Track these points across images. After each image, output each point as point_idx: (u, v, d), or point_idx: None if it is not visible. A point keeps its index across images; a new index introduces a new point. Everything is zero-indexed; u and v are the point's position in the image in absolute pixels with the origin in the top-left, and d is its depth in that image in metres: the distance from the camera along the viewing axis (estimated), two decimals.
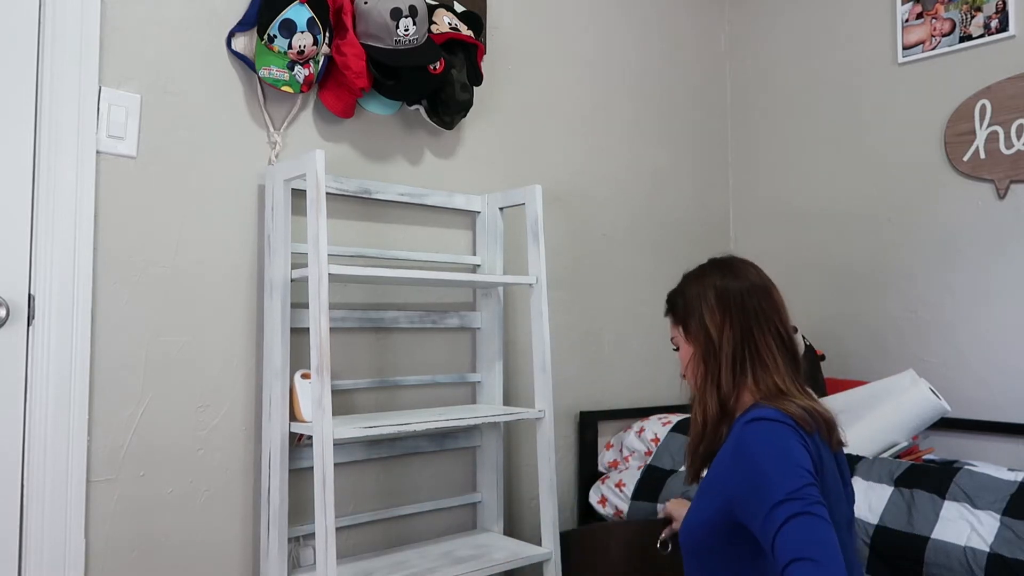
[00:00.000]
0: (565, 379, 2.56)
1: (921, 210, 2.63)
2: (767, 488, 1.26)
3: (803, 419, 1.37)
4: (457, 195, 2.28)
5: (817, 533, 1.18)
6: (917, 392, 2.19)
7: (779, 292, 1.59)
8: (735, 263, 1.61)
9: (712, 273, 1.59)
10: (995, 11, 2.48)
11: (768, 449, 1.32)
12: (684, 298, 1.60)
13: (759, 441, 1.34)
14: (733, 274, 1.58)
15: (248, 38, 1.92)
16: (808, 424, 1.37)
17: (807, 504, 1.21)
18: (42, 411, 1.62)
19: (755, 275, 1.59)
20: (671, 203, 2.96)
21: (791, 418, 1.36)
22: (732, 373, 1.50)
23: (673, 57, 3.00)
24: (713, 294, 1.56)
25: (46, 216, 1.64)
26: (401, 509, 2.14)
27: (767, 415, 1.37)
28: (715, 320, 1.53)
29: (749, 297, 1.56)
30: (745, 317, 1.53)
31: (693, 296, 1.58)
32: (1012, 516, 1.70)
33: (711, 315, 1.54)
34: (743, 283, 1.56)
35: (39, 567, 1.60)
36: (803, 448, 1.33)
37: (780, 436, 1.34)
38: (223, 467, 1.86)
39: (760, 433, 1.35)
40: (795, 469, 1.27)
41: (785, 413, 1.37)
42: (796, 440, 1.33)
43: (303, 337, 1.95)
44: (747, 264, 1.61)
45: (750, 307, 1.54)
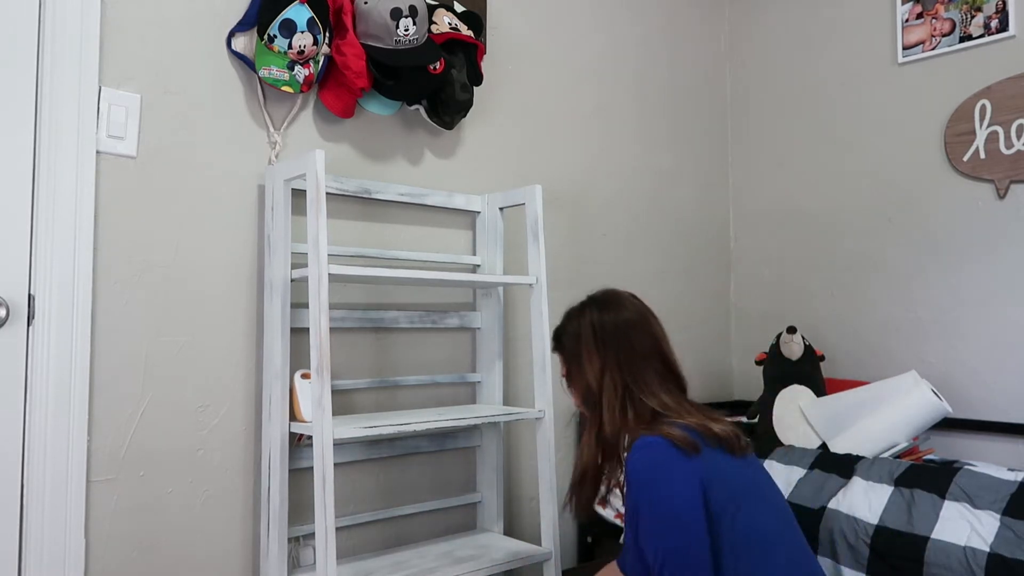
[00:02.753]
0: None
1: (921, 210, 2.63)
2: (644, 539, 1.40)
3: (684, 440, 1.42)
4: (457, 195, 2.28)
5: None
6: (919, 393, 2.18)
7: (657, 320, 1.65)
8: (611, 297, 1.66)
9: (590, 309, 1.64)
10: (995, 11, 2.48)
11: (645, 495, 1.41)
12: (564, 337, 1.66)
13: (639, 483, 1.42)
14: (609, 308, 1.62)
15: (248, 38, 1.92)
16: (689, 444, 1.42)
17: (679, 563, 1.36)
18: (42, 411, 1.62)
19: (631, 307, 1.63)
20: (671, 203, 2.96)
21: (672, 442, 1.42)
22: (614, 415, 1.54)
23: (673, 57, 3.00)
24: (591, 333, 1.60)
25: (46, 216, 1.64)
26: (401, 509, 2.14)
27: (647, 442, 1.43)
28: (594, 366, 1.58)
29: (626, 332, 1.59)
30: (623, 355, 1.57)
31: (572, 336, 1.63)
32: (1012, 516, 1.70)
33: (589, 359, 1.59)
34: (619, 316, 1.61)
35: (39, 567, 1.60)
36: (682, 474, 1.39)
37: (659, 470, 1.41)
38: (223, 467, 1.86)
39: (640, 470, 1.42)
40: (667, 522, 1.38)
41: (666, 438, 1.43)
42: (676, 466, 1.40)
43: (303, 337, 1.95)
44: (624, 297, 1.66)
45: (627, 343, 1.58)
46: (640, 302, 1.67)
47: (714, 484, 1.41)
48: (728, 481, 1.43)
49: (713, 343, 3.08)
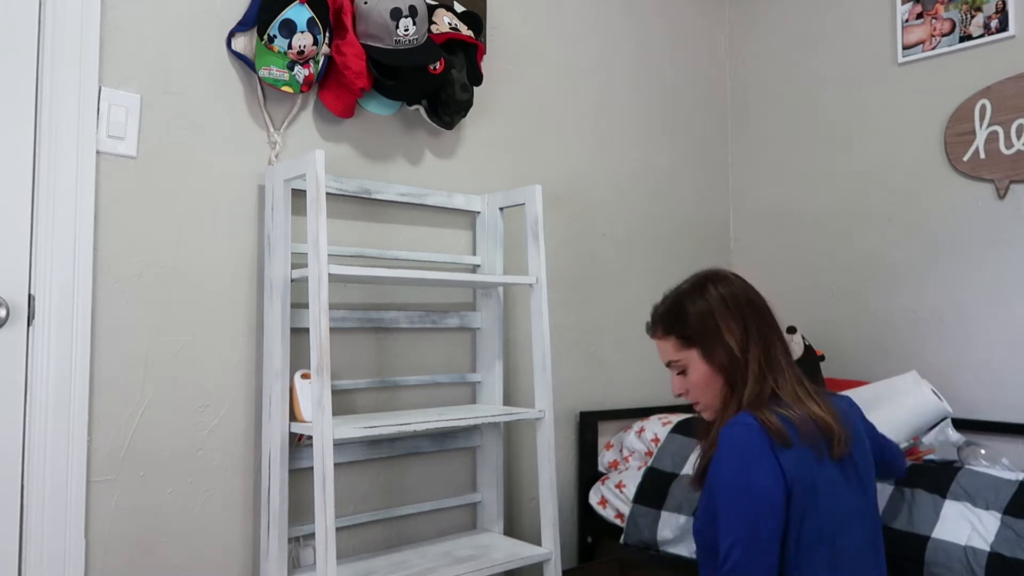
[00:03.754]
0: (565, 379, 2.56)
1: (921, 210, 2.63)
2: (722, 522, 1.40)
3: (779, 432, 1.40)
4: (457, 195, 2.28)
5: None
6: (919, 394, 2.18)
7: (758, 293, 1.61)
8: (723, 273, 1.61)
9: (712, 285, 1.57)
10: (995, 11, 2.48)
11: (728, 476, 1.40)
12: (689, 316, 1.56)
13: (727, 461, 1.41)
14: (728, 283, 1.57)
15: (248, 38, 1.92)
16: (782, 437, 1.40)
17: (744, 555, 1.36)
18: (42, 411, 1.62)
19: (741, 280, 1.59)
20: (671, 203, 2.96)
21: (768, 430, 1.40)
22: (756, 385, 1.49)
23: (673, 57, 3.00)
24: (723, 306, 1.53)
25: (46, 216, 1.64)
26: (401, 509, 2.14)
27: (746, 422, 1.42)
28: (736, 336, 1.51)
29: (751, 298, 1.56)
30: (760, 326, 1.52)
31: (699, 313, 1.55)
32: (1013, 515, 1.70)
33: (729, 331, 1.51)
34: (740, 290, 1.56)
35: (39, 567, 1.60)
36: (768, 464, 1.38)
37: (748, 455, 1.39)
38: (223, 467, 1.86)
39: (732, 448, 1.41)
40: (744, 510, 1.37)
41: (763, 425, 1.41)
42: (765, 456, 1.39)
43: (303, 337, 1.95)
44: (730, 272, 1.62)
45: (757, 310, 1.54)
46: (746, 280, 1.62)
47: (797, 482, 1.39)
48: (810, 483, 1.40)
49: None
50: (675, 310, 1.59)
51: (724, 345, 1.51)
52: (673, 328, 1.59)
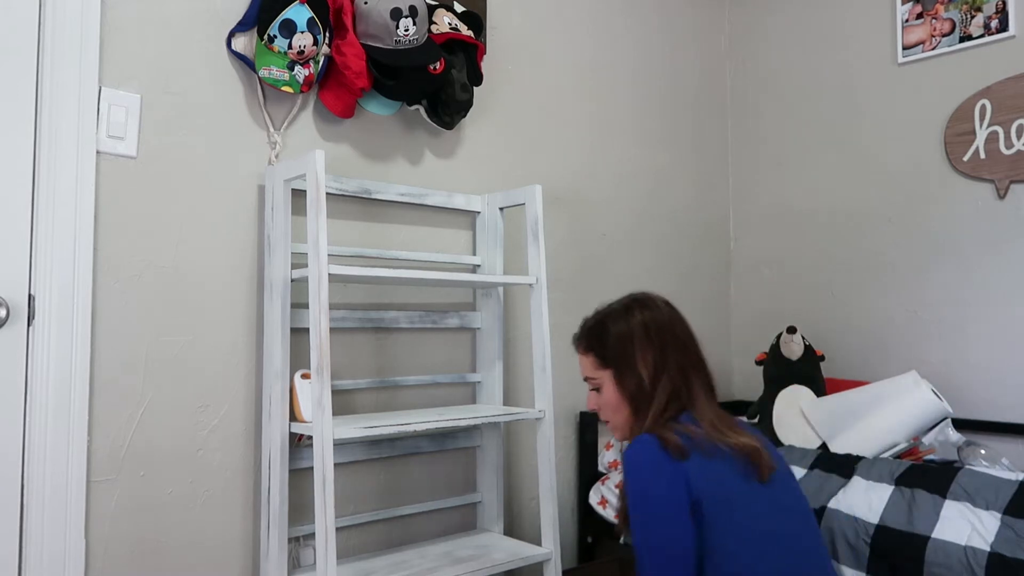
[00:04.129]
0: (565, 379, 2.56)
1: (921, 210, 2.63)
2: (634, 534, 1.43)
3: (674, 444, 1.43)
4: (457, 195, 2.28)
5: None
6: (919, 394, 2.18)
7: (685, 321, 1.64)
8: (652, 299, 1.63)
9: (638, 309, 1.59)
10: (995, 11, 2.48)
11: (635, 490, 1.43)
12: (610, 338, 1.58)
13: (630, 478, 1.44)
14: (655, 310, 1.59)
15: (248, 38, 1.92)
16: (677, 449, 1.43)
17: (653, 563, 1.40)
18: (42, 411, 1.62)
19: (669, 308, 1.61)
20: (671, 203, 2.96)
21: (663, 443, 1.43)
22: (657, 416, 1.52)
23: (673, 57, 3.00)
24: (643, 333, 1.56)
25: (46, 216, 1.64)
26: (401, 509, 2.14)
27: (642, 439, 1.45)
28: (648, 366, 1.54)
29: (674, 329, 1.58)
30: (679, 358, 1.55)
31: (620, 336, 1.57)
32: (1013, 515, 1.70)
33: (644, 359, 1.54)
34: (664, 315, 1.59)
35: (39, 567, 1.60)
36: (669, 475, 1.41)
37: (648, 468, 1.43)
38: (223, 467, 1.86)
39: (632, 465, 1.44)
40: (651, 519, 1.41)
41: (659, 439, 1.44)
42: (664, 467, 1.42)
43: (303, 337, 1.95)
44: (660, 299, 1.63)
45: (678, 341, 1.57)
46: (671, 304, 1.65)
47: (705, 493, 1.41)
48: (724, 497, 1.43)
49: (713, 343, 3.08)
50: (598, 329, 1.62)
51: (635, 374, 1.55)
52: (593, 346, 1.62)
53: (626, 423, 1.58)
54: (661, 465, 1.42)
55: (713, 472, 1.43)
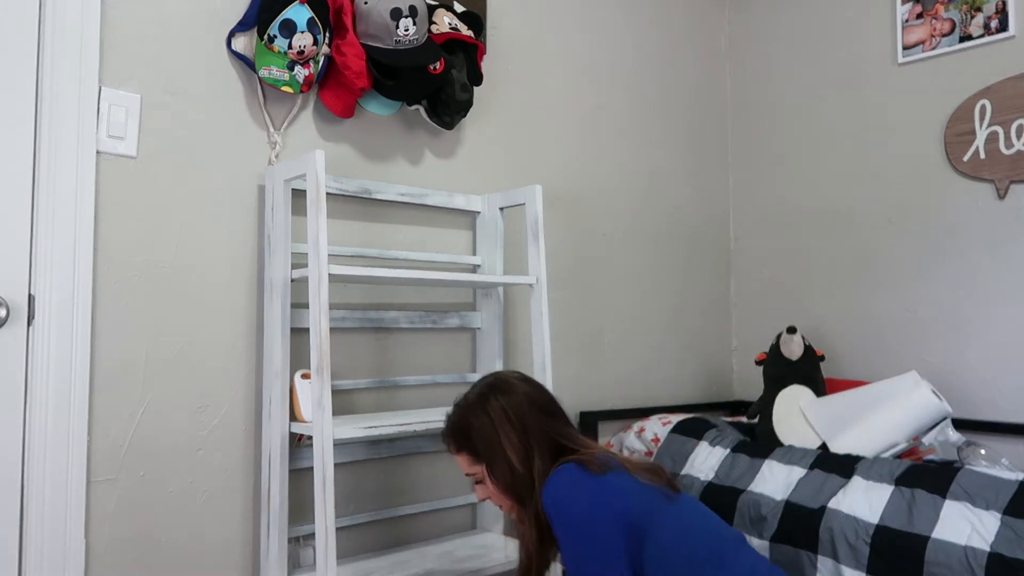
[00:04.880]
0: (565, 379, 2.56)
1: (921, 210, 2.63)
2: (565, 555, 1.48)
3: (593, 461, 1.51)
4: (457, 195, 2.28)
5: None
6: (919, 394, 2.18)
7: (542, 385, 1.70)
8: (504, 380, 1.67)
9: (491, 399, 1.62)
10: (995, 11, 2.48)
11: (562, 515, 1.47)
12: (474, 432, 1.62)
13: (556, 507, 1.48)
14: (510, 392, 1.63)
15: (248, 38, 1.92)
16: (597, 464, 1.50)
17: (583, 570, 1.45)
18: (42, 411, 1.62)
19: (523, 383, 1.66)
20: (671, 203, 2.96)
21: (581, 464, 1.50)
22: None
23: (673, 57, 3.00)
24: (504, 421, 1.59)
25: (46, 216, 1.64)
26: (401, 509, 2.14)
27: (557, 471, 1.50)
28: (517, 451, 1.57)
29: (533, 402, 1.62)
30: (543, 427, 1.59)
31: (484, 429, 1.61)
32: (1013, 515, 1.70)
33: (512, 446, 1.58)
34: (521, 397, 1.62)
35: (39, 567, 1.60)
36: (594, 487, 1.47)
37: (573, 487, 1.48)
38: (223, 467, 1.86)
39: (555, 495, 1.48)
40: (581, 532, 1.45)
41: (574, 463, 1.51)
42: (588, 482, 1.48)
43: (303, 337, 1.95)
44: (512, 376, 1.68)
45: (539, 412, 1.61)
46: (523, 375, 1.71)
47: (632, 503, 1.47)
48: (647, 510, 1.49)
49: (713, 343, 3.08)
50: (462, 426, 1.65)
51: (506, 461, 1.58)
52: (463, 445, 1.65)
53: (513, 508, 1.62)
54: (582, 480, 1.48)
55: (636, 487, 1.50)
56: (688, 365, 2.98)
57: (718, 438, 2.33)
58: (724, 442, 2.30)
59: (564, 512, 1.46)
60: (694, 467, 2.27)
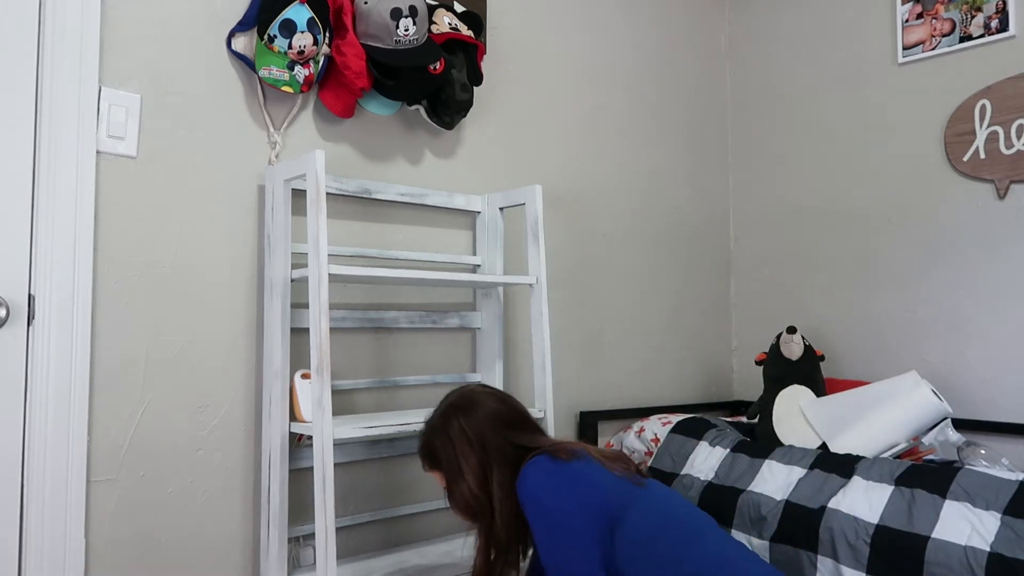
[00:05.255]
0: (565, 379, 2.56)
1: (921, 210, 2.63)
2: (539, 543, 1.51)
3: (562, 449, 1.55)
4: (457, 195, 2.28)
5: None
6: (919, 394, 2.18)
7: (509, 397, 1.72)
8: (467, 397, 1.69)
9: (452, 419, 1.66)
10: (995, 11, 2.48)
11: (532, 499, 1.51)
12: (439, 454, 1.66)
13: (531, 498, 1.52)
14: (471, 411, 1.65)
15: (248, 38, 1.92)
16: (566, 452, 1.55)
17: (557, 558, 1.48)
18: (42, 411, 1.62)
19: (490, 401, 1.68)
20: (671, 203, 2.96)
21: (552, 455, 1.54)
22: (505, 517, 1.59)
23: (673, 57, 3.00)
24: (464, 443, 1.62)
25: (46, 216, 1.64)
26: (401, 509, 2.14)
27: (530, 463, 1.54)
28: (475, 474, 1.61)
29: (494, 421, 1.64)
30: (501, 443, 1.62)
31: (446, 451, 1.65)
32: (1013, 515, 1.70)
33: (471, 469, 1.61)
34: (482, 415, 1.64)
35: (39, 567, 1.60)
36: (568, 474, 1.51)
37: (550, 476, 1.51)
38: (223, 467, 1.86)
39: (530, 484, 1.52)
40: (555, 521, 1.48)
41: (545, 454, 1.55)
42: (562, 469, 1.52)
43: (303, 337, 1.95)
44: (477, 393, 1.70)
45: (502, 429, 1.63)
46: (490, 388, 1.74)
47: (602, 488, 1.51)
48: (616, 489, 1.52)
49: (713, 343, 3.08)
50: (429, 446, 1.70)
51: (465, 484, 1.62)
52: (433, 463, 1.70)
53: (472, 524, 1.66)
54: (555, 469, 1.51)
55: (601, 470, 1.54)
56: (688, 365, 2.98)
57: (718, 438, 2.33)
58: (724, 442, 2.30)
59: (538, 503, 1.50)
60: (694, 467, 2.27)
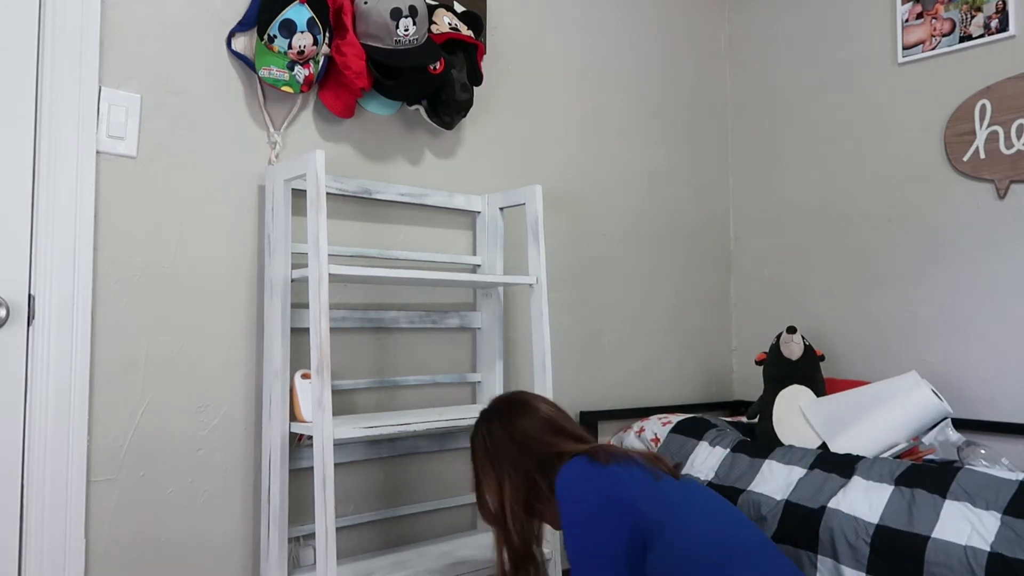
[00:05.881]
0: (565, 379, 2.56)
1: (921, 210, 2.63)
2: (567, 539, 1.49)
3: (600, 452, 1.54)
4: (457, 195, 2.28)
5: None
6: (919, 394, 2.18)
7: (545, 401, 1.72)
8: (495, 405, 1.72)
9: (480, 427, 1.70)
10: (995, 11, 2.48)
11: (568, 504, 1.50)
12: (472, 456, 1.71)
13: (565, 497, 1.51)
14: (495, 421, 1.68)
15: (248, 38, 1.92)
16: (605, 455, 1.53)
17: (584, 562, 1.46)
18: (42, 411, 1.62)
19: (508, 403, 1.70)
20: (671, 203, 2.96)
21: (590, 456, 1.53)
22: (521, 525, 1.61)
23: (673, 57, 3.00)
24: (484, 455, 1.66)
25: (46, 216, 1.64)
26: (401, 509, 2.14)
27: (568, 465, 1.53)
28: (495, 491, 1.63)
29: (512, 435, 1.65)
30: (521, 457, 1.62)
31: (474, 459, 1.69)
32: (1013, 515, 1.70)
33: (489, 487, 1.64)
34: (504, 425, 1.66)
35: (39, 567, 1.60)
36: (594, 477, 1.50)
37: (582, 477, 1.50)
38: (223, 467, 1.86)
39: (566, 483, 1.51)
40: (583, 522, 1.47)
41: (584, 455, 1.54)
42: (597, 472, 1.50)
43: (303, 337, 1.95)
44: (500, 399, 1.73)
45: (521, 441, 1.64)
46: (526, 395, 1.74)
47: (638, 492, 1.48)
48: (655, 494, 1.49)
49: (713, 343, 3.08)
50: (470, 450, 1.74)
51: (488, 498, 1.65)
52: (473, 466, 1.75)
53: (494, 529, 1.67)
54: (596, 472, 1.50)
55: (639, 471, 1.52)
56: (688, 365, 2.98)
57: (718, 438, 2.33)
58: (724, 442, 2.30)
59: (572, 504, 1.49)
60: (694, 467, 2.27)
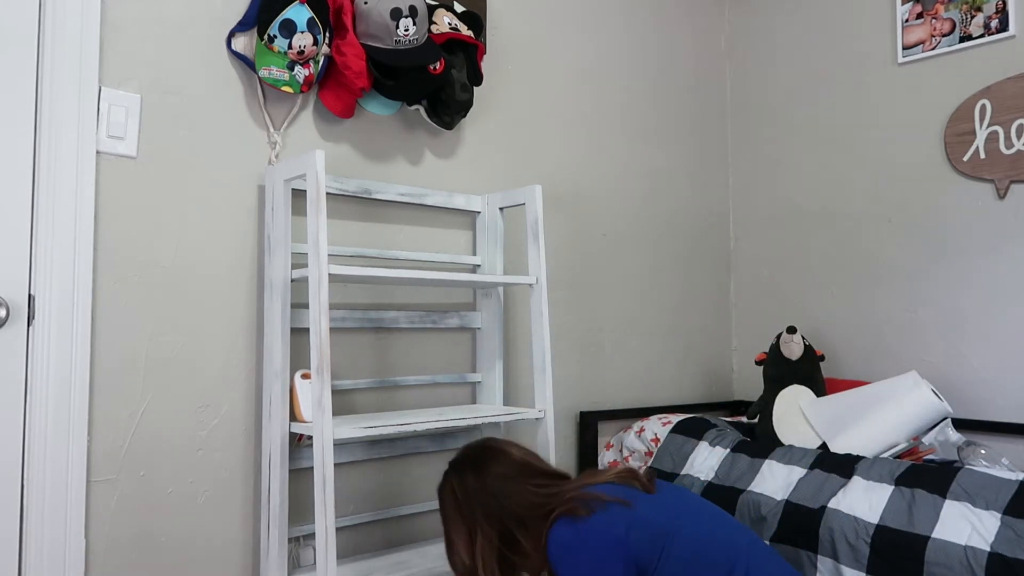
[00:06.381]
0: (565, 379, 2.56)
1: (921, 210, 2.63)
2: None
3: (584, 503, 1.52)
4: (457, 195, 2.28)
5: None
6: (919, 394, 2.18)
7: (515, 447, 1.70)
8: (466, 455, 1.71)
9: (450, 478, 1.69)
10: (995, 11, 2.48)
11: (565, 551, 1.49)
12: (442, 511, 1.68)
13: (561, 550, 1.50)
14: (466, 472, 1.66)
15: (248, 38, 1.92)
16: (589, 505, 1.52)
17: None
18: (42, 411, 1.62)
19: (487, 462, 1.67)
20: (671, 203, 2.96)
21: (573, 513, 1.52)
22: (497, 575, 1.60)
23: (673, 57, 3.00)
24: (454, 509, 1.64)
25: (46, 216, 1.64)
26: (401, 509, 2.14)
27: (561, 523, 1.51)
28: (465, 543, 1.62)
29: (484, 484, 1.64)
30: (494, 507, 1.61)
31: (442, 514, 1.67)
32: (1013, 515, 1.70)
33: (459, 537, 1.63)
34: (477, 476, 1.65)
35: (39, 567, 1.60)
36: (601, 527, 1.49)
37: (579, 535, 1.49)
38: (223, 467, 1.86)
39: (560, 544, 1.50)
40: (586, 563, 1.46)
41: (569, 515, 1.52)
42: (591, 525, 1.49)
43: (303, 337, 1.95)
44: (474, 450, 1.70)
45: (494, 491, 1.63)
46: (494, 439, 1.73)
47: (629, 535, 1.48)
48: (650, 519, 1.50)
49: (713, 343, 3.08)
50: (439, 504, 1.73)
51: (459, 552, 1.63)
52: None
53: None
54: (579, 535, 1.49)
55: (623, 513, 1.51)
56: (688, 365, 2.98)
57: (718, 438, 2.33)
58: (724, 442, 2.30)
59: (570, 568, 1.48)
60: (694, 467, 2.27)
